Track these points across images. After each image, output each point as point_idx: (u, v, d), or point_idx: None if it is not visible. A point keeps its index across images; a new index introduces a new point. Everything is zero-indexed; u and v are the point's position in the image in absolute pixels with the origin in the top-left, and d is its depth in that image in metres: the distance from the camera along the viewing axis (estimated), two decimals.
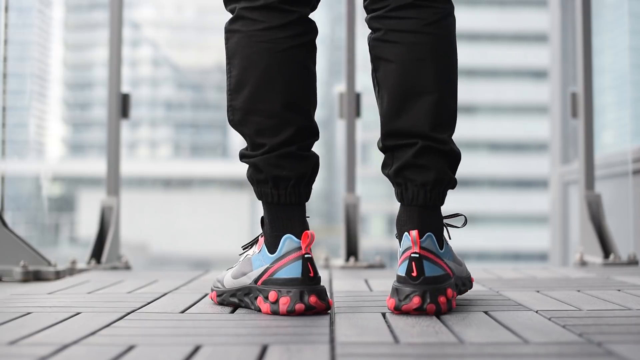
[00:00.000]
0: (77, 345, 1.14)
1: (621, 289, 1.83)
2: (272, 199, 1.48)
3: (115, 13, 2.97)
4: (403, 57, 1.46)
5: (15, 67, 3.55)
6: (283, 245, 1.44)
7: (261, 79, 1.46)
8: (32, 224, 8.57)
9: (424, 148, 1.46)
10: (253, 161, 1.49)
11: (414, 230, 1.43)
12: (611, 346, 1.09)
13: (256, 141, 1.48)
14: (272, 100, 1.47)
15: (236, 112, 1.50)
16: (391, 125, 1.48)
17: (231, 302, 1.54)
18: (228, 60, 1.51)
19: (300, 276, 1.42)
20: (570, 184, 4.23)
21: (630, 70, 3.94)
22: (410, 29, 1.47)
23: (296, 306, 1.40)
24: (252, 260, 1.50)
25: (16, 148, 5.63)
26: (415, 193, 1.46)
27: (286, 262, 1.43)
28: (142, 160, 39.13)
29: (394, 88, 1.47)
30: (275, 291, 1.42)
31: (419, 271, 1.41)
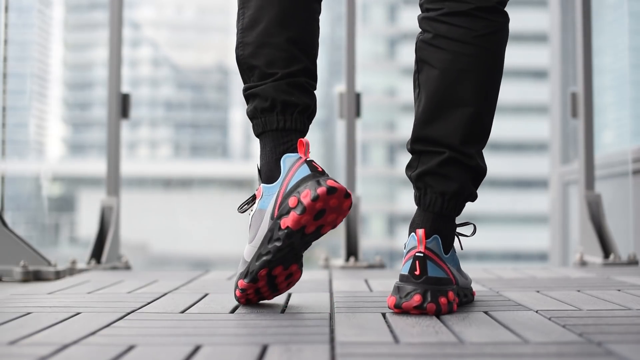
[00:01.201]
0: (77, 345, 1.14)
1: (621, 289, 1.83)
2: (278, 124, 1.49)
3: (115, 13, 2.97)
4: (446, 65, 1.48)
5: (15, 67, 3.55)
6: (284, 165, 1.46)
7: (276, 16, 1.52)
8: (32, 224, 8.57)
9: (450, 159, 1.47)
10: (261, 89, 1.51)
11: (421, 229, 1.44)
12: (611, 346, 1.09)
13: (267, 71, 1.51)
14: (284, 36, 1.52)
15: (247, 47, 1.53)
16: (422, 131, 1.50)
17: (260, 265, 1.44)
18: (242, 4, 1.56)
19: (309, 172, 1.42)
20: (570, 184, 4.23)
21: (630, 70, 3.94)
22: (459, 38, 1.47)
23: (318, 190, 1.36)
24: (259, 208, 1.48)
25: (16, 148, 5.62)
26: (433, 200, 1.48)
27: (293, 173, 1.44)
28: (142, 160, 39.14)
29: (431, 95, 1.49)
30: (294, 195, 1.40)
31: (422, 270, 1.42)
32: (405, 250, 1.47)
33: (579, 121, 3.11)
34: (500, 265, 2.82)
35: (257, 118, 1.52)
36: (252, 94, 1.53)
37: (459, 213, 1.51)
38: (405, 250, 1.46)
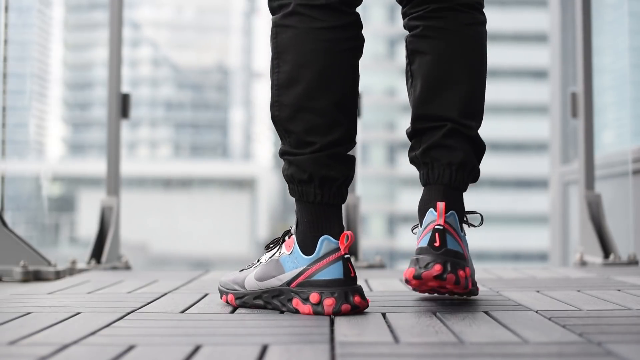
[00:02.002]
0: (77, 345, 1.14)
1: (621, 289, 1.83)
2: (316, 198, 1.45)
3: (115, 13, 2.97)
4: (439, 50, 1.55)
5: (15, 67, 3.55)
6: (321, 247, 1.43)
7: (317, 77, 1.44)
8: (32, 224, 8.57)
9: (453, 130, 1.53)
10: (299, 159, 1.45)
11: (440, 202, 1.48)
12: (611, 346, 1.09)
13: (305, 139, 1.45)
14: (326, 99, 1.45)
15: (284, 108, 1.46)
16: (423, 110, 1.55)
17: (255, 304, 1.51)
18: (277, 55, 1.47)
19: (342, 277, 1.42)
20: (570, 184, 4.23)
21: (630, 70, 3.94)
22: (447, 26, 1.56)
23: (342, 307, 1.40)
24: (281, 262, 1.48)
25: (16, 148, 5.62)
26: (442, 172, 1.52)
27: (326, 264, 1.42)
28: (142, 160, 39.14)
29: (427, 77, 1.55)
30: (318, 293, 1.41)
31: (441, 242, 1.45)
32: (421, 229, 1.50)
33: (579, 121, 3.11)
34: (501, 265, 2.82)
35: (294, 184, 1.47)
36: (288, 160, 1.47)
37: (465, 187, 1.55)
38: (423, 227, 1.50)
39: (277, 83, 1.47)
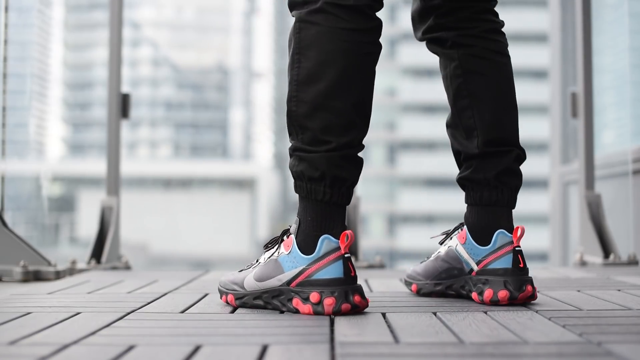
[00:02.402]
0: (77, 345, 1.14)
1: (621, 289, 1.83)
2: (324, 197, 1.45)
3: (115, 13, 2.97)
4: (496, 75, 1.65)
5: (15, 67, 3.55)
6: (321, 246, 1.44)
7: (338, 77, 1.45)
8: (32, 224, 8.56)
9: (518, 156, 1.65)
10: (312, 157, 1.45)
11: (514, 227, 1.58)
12: (611, 346, 1.09)
13: (321, 137, 1.45)
14: (345, 100, 1.46)
15: (302, 105, 1.46)
16: (494, 134, 1.63)
17: (255, 304, 1.52)
18: (299, 50, 1.47)
19: (342, 276, 1.43)
20: (570, 184, 4.23)
21: (630, 70, 3.94)
22: (501, 50, 1.67)
23: (342, 306, 1.41)
24: (280, 262, 1.48)
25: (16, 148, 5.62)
26: (509, 196, 1.63)
27: (326, 263, 1.43)
28: (142, 160, 39.14)
29: (494, 100, 1.64)
30: (318, 292, 1.42)
31: (524, 263, 1.57)
32: (490, 247, 1.58)
33: (579, 121, 3.11)
34: None
35: (302, 182, 1.47)
36: (300, 157, 1.47)
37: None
38: (494, 247, 1.58)
39: (297, 78, 1.47)
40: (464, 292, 1.63)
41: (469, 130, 1.64)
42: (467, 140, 1.65)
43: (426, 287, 1.70)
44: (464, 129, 1.65)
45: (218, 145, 41.47)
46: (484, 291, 1.55)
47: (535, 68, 33.31)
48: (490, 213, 1.61)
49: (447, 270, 1.66)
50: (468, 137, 1.65)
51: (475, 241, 1.61)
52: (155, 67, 41.80)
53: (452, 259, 1.66)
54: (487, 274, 1.57)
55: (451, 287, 1.66)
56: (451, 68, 1.67)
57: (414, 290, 1.73)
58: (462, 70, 1.65)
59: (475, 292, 1.58)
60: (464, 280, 1.63)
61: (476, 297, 1.58)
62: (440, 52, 1.70)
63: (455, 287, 1.65)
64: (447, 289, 1.67)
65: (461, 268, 1.64)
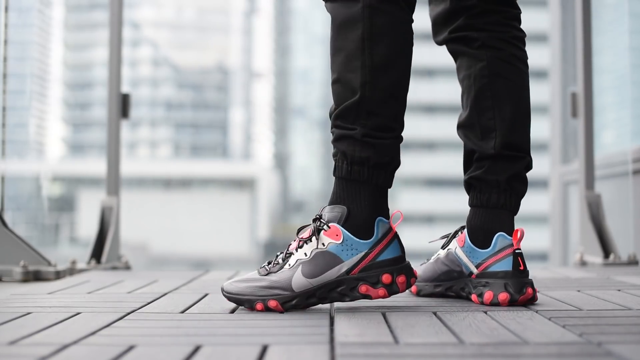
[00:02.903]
0: (77, 345, 1.14)
1: (621, 289, 1.83)
2: (384, 182, 1.50)
3: (115, 13, 2.97)
4: (521, 82, 1.69)
5: (15, 67, 3.55)
6: (378, 228, 1.48)
7: (407, 68, 1.52)
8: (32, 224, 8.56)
9: (529, 164, 1.69)
10: (384, 143, 1.48)
11: (520, 229, 1.60)
12: (611, 346, 1.09)
13: (390, 124, 1.49)
14: (406, 91, 1.53)
15: (377, 91, 1.47)
16: (512, 138, 1.66)
17: (309, 303, 1.48)
18: (370, 35, 1.47)
19: (401, 253, 1.50)
20: (570, 184, 4.23)
21: (630, 70, 3.94)
22: (523, 59, 1.71)
23: (411, 280, 1.50)
24: (335, 252, 1.47)
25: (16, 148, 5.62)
26: (515, 201, 1.65)
27: (386, 244, 1.48)
28: (142, 160, 39.14)
29: (515, 105, 1.67)
30: (389, 273, 1.47)
31: (524, 265, 1.57)
32: (491, 250, 1.58)
33: (579, 121, 3.11)
34: None
35: (364, 167, 1.47)
36: (369, 143, 1.47)
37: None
38: (494, 249, 1.58)
39: (371, 64, 1.47)
40: (464, 294, 1.64)
41: (487, 130, 1.65)
42: (483, 141, 1.65)
43: (426, 288, 1.71)
44: (481, 129, 1.65)
45: (218, 145, 41.47)
46: (484, 293, 1.56)
47: (535, 68, 33.13)
48: (495, 216, 1.62)
49: (446, 273, 1.67)
50: (484, 137, 1.65)
51: (475, 244, 1.62)
52: (155, 67, 41.80)
53: (451, 262, 1.67)
54: (487, 276, 1.57)
55: (451, 289, 1.67)
56: (477, 68, 1.67)
57: (413, 291, 1.74)
58: (488, 72, 1.67)
59: (475, 294, 1.59)
60: (463, 282, 1.64)
61: (476, 299, 1.58)
62: (465, 52, 1.70)
63: (455, 289, 1.66)
64: (447, 290, 1.68)
65: (460, 271, 1.65)
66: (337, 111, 1.49)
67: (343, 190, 1.49)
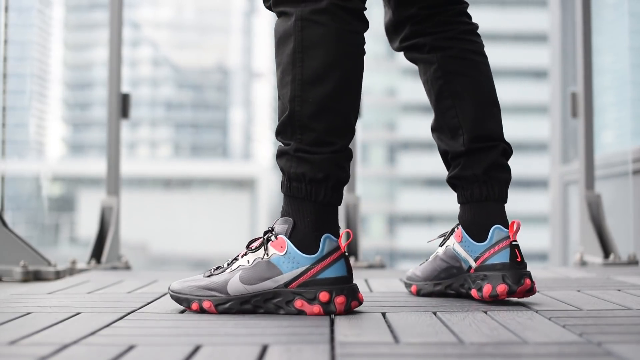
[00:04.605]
0: (77, 345, 1.14)
1: (621, 289, 1.83)
2: (325, 198, 1.45)
3: (115, 13, 2.97)
4: (475, 74, 1.68)
5: (15, 67, 3.55)
6: (324, 245, 1.44)
7: (344, 79, 1.45)
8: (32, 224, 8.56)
9: (504, 150, 1.66)
10: (317, 158, 1.44)
11: (509, 222, 1.59)
12: (611, 346, 1.09)
13: (326, 139, 1.44)
14: (347, 103, 1.47)
15: (307, 105, 1.44)
16: (480, 130, 1.65)
17: (243, 309, 1.46)
18: (302, 49, 1.44)
19: (346, 274, 1.45)
20: (570, 184, 4.23)
21: (630, 70, 3.94)
22: (478, 50, 1.70)
23: (352, 303, 1.44)
24: (275, 263, 1.45)
25: (16, 148, 5.62)
26: (499, 190, 1.64)
27: (330, 262, 1.43)
28: (142, 160, 39.13)
29: (476, 97, 1.67)
30: (327, 291, 1.41)
31: (521, 257, 1.58)
32: (487, 243, 1.58)
33: (579, 121, 3.11)
34: None
35: (301, 183, 1.44)
36: (302, 158, 1.44)
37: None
38: (491, 242, 1.58)
39: (302, 78, 1.44)
40: (464, 291, 1.63)
41: (453, 129, 1.66)
42: (453, 140, 1.66)
43: (426, 287, 1.71)
44: (449, 129, 1.67)
45: (218, 145, 41.47)
46: (483, 287, 1.56)
47: (535, 68, 33.29)
48: (484, 209, 1.62)
49: (446, 270, 1.67)
50: (453, 136, 1.66)
51: (472, 238, 1.62)
52: (155, 67, 41.80)
53: (450, 258, 1.66)
54: (485, 269, 1.57)
55: (451, 287, 1.66)
56: (431, 71, 1.68)
57: (413, 291, 1.74)
58: (442, 72, 1.67)
59: (475, 288, 1.59)
60: (463, 278, 1.64)
61: (475, 293, 1.58)
62: (419, 58, 1.72)
63: (454, 287, 1.66)
64: (446, 288, 1.67)
65: (459, 267, 1.64)
66: (277, 127, 1.48)
67: (288, 205, 1.47)
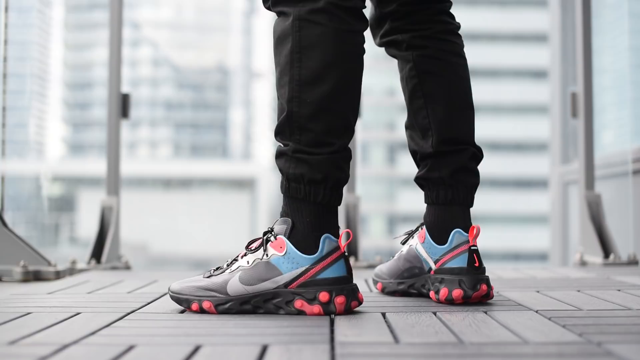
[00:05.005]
0: (77, 345, 1.14)
1: (621, 289, 1.83)
2: (324, 199, 1.44)
3: (115, 13, 2.97)
4: (450, 75, 1.66)
5: (15, 67, 3.55)
6: (324, 246, 1.43)
7: (342, 79, 1.44)
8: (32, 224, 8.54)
9: (473, 154, 1.65)
10: (316, 159, 1.43)
11: (470, 226, 1.59)
12: (611, 346, 1.09)
13: (323, 139, 1.44)
14: (346, 103, 1.46)
15: (306, 106, 1.43)
16: (448, 133, 1.64)
17: (242, 310, 1.45)
18: (300, 49, 1.44)
19: (346, 274, 1.44)
20: (570, 184, 4.23)
21: (630, 70, 3.94)
22: (455, 51, 1.68)
23: (352, 303, 1.43)
24: (275, 264, 1.45)
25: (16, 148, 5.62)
26: (466, 194, 1.63)
27: (330, 262, 1.43)
28: (142, 160, 39.13)
29: (448, 100, 1.65)
30: (327, 291, 1.41)
31: (480, 262, 1.57)
32: (447, 247, 1.59)
33: (579, 121, 3.11)
34: (501, 265, 2.82)
35: (300, 184, 1.44)
36: (301, 159, 1.44)
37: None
38: (450, 246, 1.58)
39: (299, 79, 1.43)
40: (425, 291, 1.65)
41: (424, 130, 1.66)
42: (423, 140, 1.66)
43: (390, 285, 1.72)
44: (419, 129, 1.66)
45: (218, 145, 41.46)
46: (440, 290, 1.57)
47: (535, 68, 33.29)
48: (447, 212, 1.62)
49: (408, 270, 1.68)
50: (424, 136, 1.66)
51: (434, 240, 1.62)
52: (155, 67, 41.79)
53: (413, 258, 1.67)
54: (443, 272, 1.58)
55: (413, 286, 1.68)
56: (406, 70, 1.68)
57: (379, 288, 1.76)
58: (416, 71, 1.67)
59: (433, 290, 1.60)
60: (424, 279, 1.65)
61: (433, 295, 1.60)
62: (397, 55, 1.72)
63: (416, 286, 1.67)
64: (409, 287, 1.69)
65: (421, 267, 1.66)
66: (275, 128, 1.48)
67: (287, 205, 1.47)
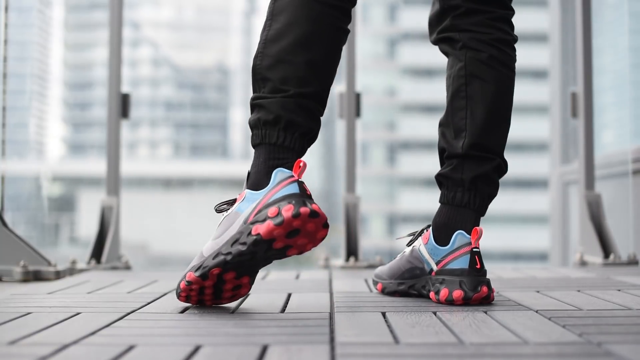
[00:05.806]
0: (77, 345, 1.14)
1: (621, 289, 1.83)
2: (277, 140, 1.49)
3: (115, 13, 2.97)
4: (500, 85, 1.69)
5: (15, 67, 3.55)
6: (274, 177, 1.45)
7: (301, 36, 1.52)
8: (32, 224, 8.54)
9: (498, 166, 1.68)
10: (269, 101, 1.51)
11: (479, 228, 1.61)
12: (611, 346, 1.09)
13: (279, 86, 1.51)
14: (303, 57, 1.52)
15: (266, 58, 1.53)
16: (482, 139, 1.67)
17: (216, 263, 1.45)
18: (271, 16, 1.55)
19: (298, 191, 1.43)
20: (570, 184, 4.23)
21: (630, 70, 3.94)
22: (507, 62, 1.71)
23: (301, 209, 1.38)
24: (238, 211, 1.48)
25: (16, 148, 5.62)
26: (481, 202, 1.66)
27: (280, 188, 1.44)
28: (142, 160, 39.13)
29: (490, 108, 1.68)
30: (275, 206, 1.41)
31: (481, 264, 1.59)
32: (450, 247, 1.60)
33: (579, 121, 3.11)
34: (500, 265, 2.82)
35: (258, 129, 1.51)
36: (258, 104, 1.52)
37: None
38: (453, 247, 1.60)
39: (265, 38, 1.54)
40: (425, 292, 1.66)
41: (458, 130, 1.68)
42: (455, 140, 1.68)
43: (390, 286, 1.73)
44: (454, 128, 1.68)
45: (218, 145, 41.47)
46: (440, 290, 1.58)
47: (535, 68, 33.29)
48: (458, 214, 1.65)
49: (409, 270, 1.69)
50: (456, 137, 1.68)
51: (436, 241, 1.64)
52: (155, 67, 41.79)
53: (415, 259, 1.69)
54: (444, 273, 1.60)
55: (413, 287, 1.69)
56: (456, 69, 1.70)
57: (379, 289, 1.76)
58: (465, 72, 1.69)
59: (433, 291, 1.61)
60: (425, 280, 1.66)
61: (433, 296, 1.61)
62: (450, 52, 1.74)
63: (417, 287, 1.68)
64: (409, 288, 1.69)
65: (423, 268, 1.67)
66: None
67: (253, 158, 1.53)
